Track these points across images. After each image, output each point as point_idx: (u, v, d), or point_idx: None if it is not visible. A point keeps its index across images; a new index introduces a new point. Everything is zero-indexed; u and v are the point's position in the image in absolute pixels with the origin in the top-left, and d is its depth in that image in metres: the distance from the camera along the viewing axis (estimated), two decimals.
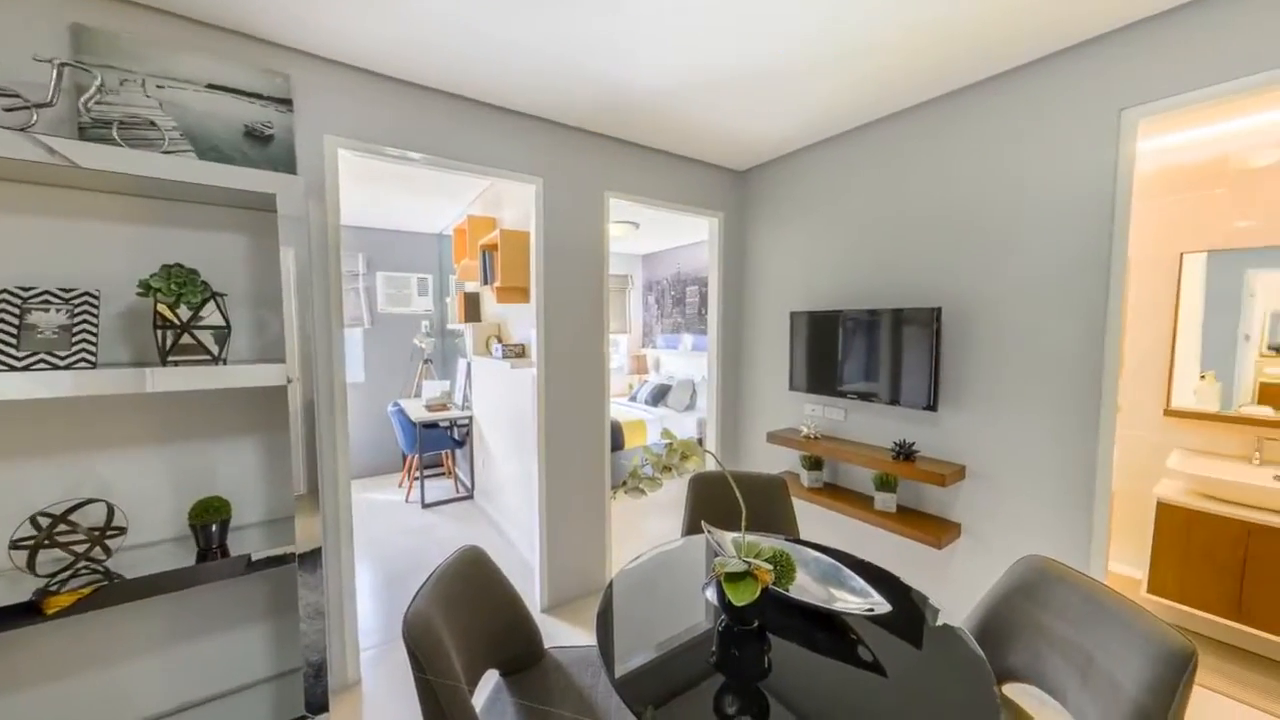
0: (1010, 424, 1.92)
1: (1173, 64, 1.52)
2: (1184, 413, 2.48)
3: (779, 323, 2.89)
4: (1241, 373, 2.33)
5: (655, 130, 2.45)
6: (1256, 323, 2.28)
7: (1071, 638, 1.10)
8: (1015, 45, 1.71)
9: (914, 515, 2.18)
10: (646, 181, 2.70)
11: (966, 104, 2.00)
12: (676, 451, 1.29)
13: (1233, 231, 2.34)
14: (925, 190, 2.16)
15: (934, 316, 2.04)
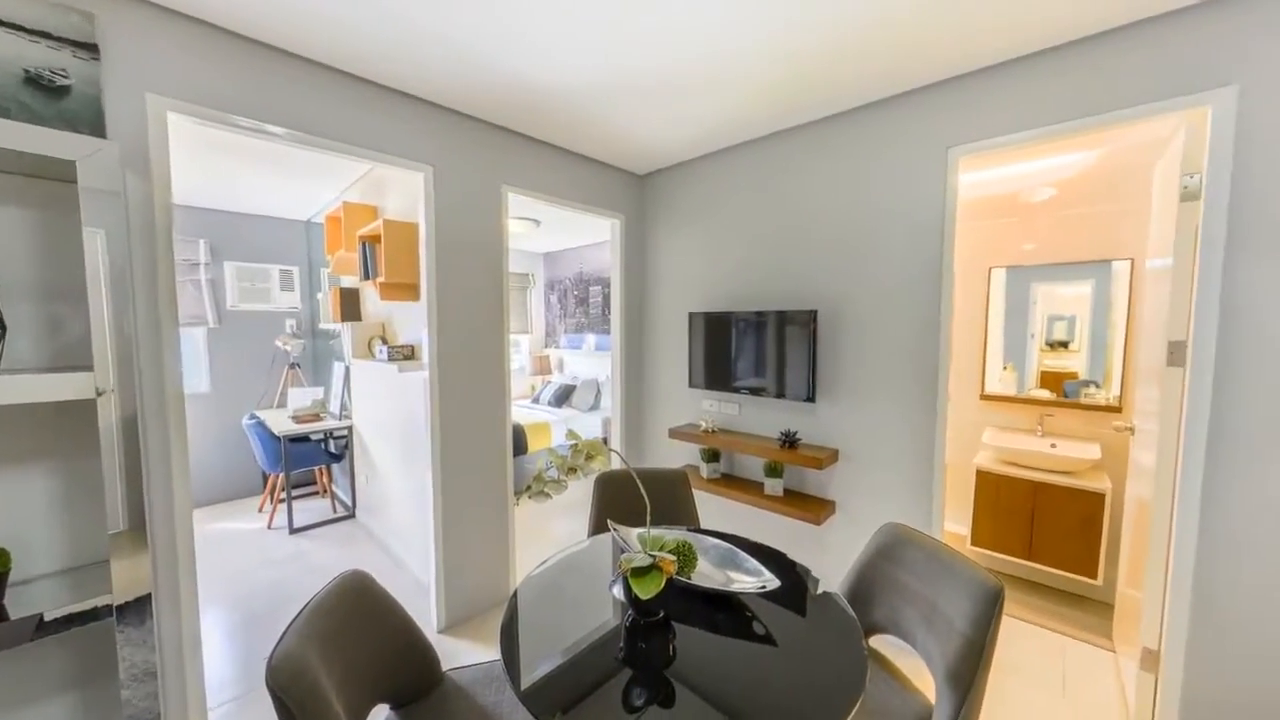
0: (872, 411, 2.22)
1: (986, 114, 1.87)
2: (993, 397, 3.07)
3: (679, 323, 3.02)
4: (1030, 364, 2.95)
5: (559, 128, 2.42)
6: (1039, 324, 2.91)
7: (919, 590, 1.31)
8: (864, 85, 1.98)
9: (798, 497, 2.42)
10: (547, 179, 2.65)
11: (834, 131, 2.27)
12: (582, 452, 1.29)
13: (1021, 252, 2.96)
14: (803, 204, 2.41)
15: (811, 318, 2.29)
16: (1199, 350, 1.52)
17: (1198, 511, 1.53)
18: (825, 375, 2.36)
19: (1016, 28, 1.61)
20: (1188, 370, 1.55)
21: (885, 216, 2.14)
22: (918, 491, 2.10)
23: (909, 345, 2.10)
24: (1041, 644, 2.21)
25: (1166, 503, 1.62)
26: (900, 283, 2.11)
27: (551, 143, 2.63)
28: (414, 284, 2.69)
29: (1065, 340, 2.83)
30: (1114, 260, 2.65)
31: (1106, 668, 2.06)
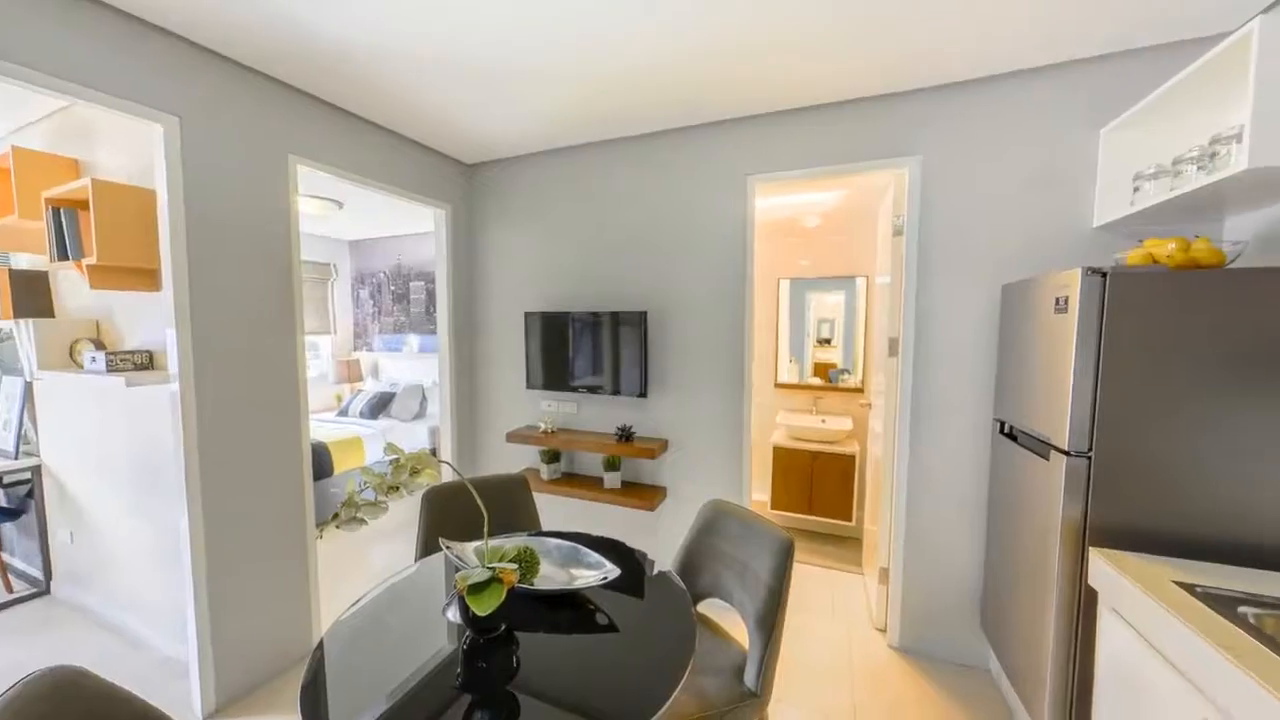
0: (695, 403, 2.48)
1: (777, 150, 2.25)
2: (784, 385, 3.73)
3: (514, 323, 2.91)
4: (807, 357, 3.67)
5: (370, 98, 2.09)
6: (812, 326, 3.64)
7: (734, 554, 1.52)
8: (683, 109, 2.20)
9: (635, 487, 2.57)
10: (354, 155, 2.27)
11: (656, 147, 2.47)
12: (405, 467, 1.14)
13: (800, 267, 3.66)
14: (632, 212, 2.56)
15: (642, 319, 2.45)
16: (905, 344, 2.09)
17: (907, 463, 2.11)
18: (656, 371, 2.55)
19: (801, 83, 1.97)
20: (899, 359, 2.11)
21: (700, 229, 2.42)
22: (731, 469, 2.42)
23: (722, 343, 2.40)
24: (819, 580, 2.78)
25: (890, 458, 2.18)
26: (714, 289, 2.41)
27: (361, 115, 2.27)
28: (150, 269, 2.03)
29: (829, 338, 3.60)
30: (857, 276, 3.47)
31: (858, 588, 2.69)
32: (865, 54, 1.74)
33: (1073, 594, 1.36)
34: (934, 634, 2.12)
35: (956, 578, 2.07)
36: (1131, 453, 1.29)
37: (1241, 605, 0.99)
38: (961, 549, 2.05)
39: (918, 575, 2.13)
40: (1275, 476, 1.19)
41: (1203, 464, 1.24)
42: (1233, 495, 1.22)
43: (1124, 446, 1.29)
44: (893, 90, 2.02)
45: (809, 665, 2.08)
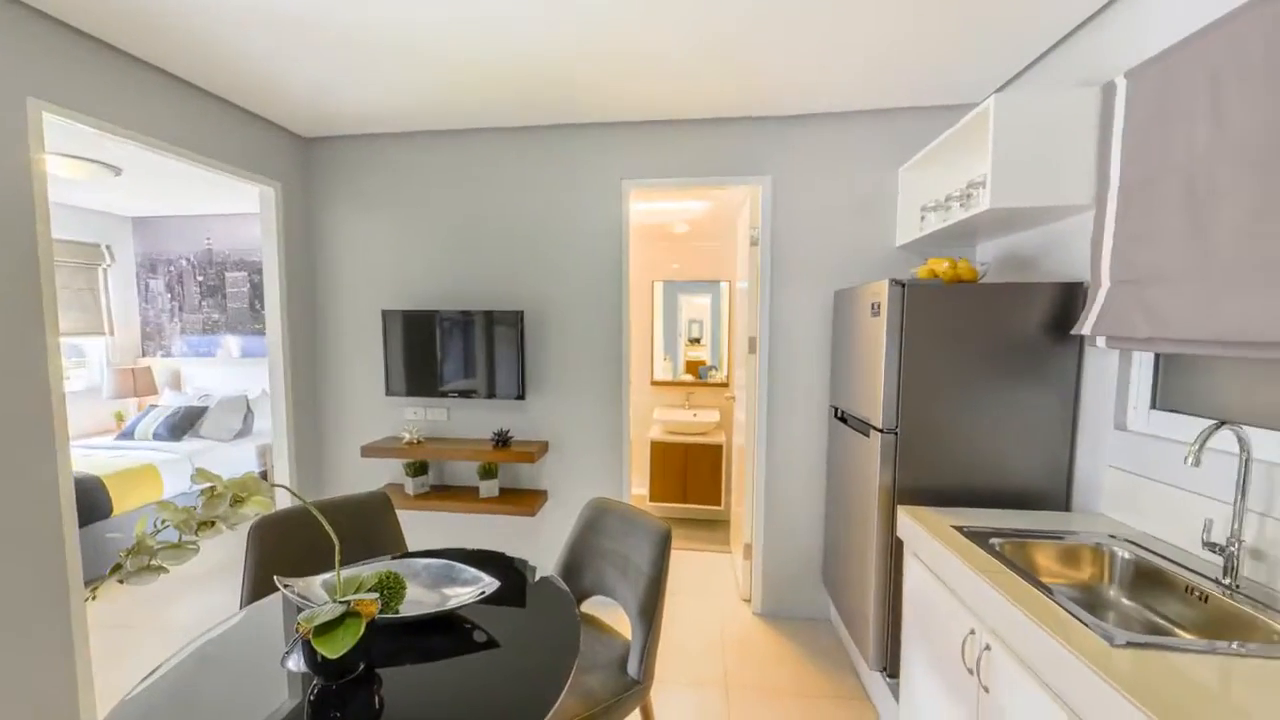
0: (576, 401, 2.47)
1: (649, 157, 2.34)
2: (659, 382, 3.92)
3: (369, 322, 2.59)
4: (679, 356, 3.90)
5: (158, 39, 1.67)
6: (684, 326, 3.88)
7: (616, 549, 1.55)
8: (558, 107, 2.18)
9: (513, 493, 2.47)
10: (138, 110, 1.80)
11: (534, 142, 2.40)
12: (223, 497, 0.94)
13: (672, 270, 3.87)
14: (507, 208, 2.45)
15: (519, 319, 2.36)
16: (762, 343, 2.34)
17: (765, 447, 2.37)
18: (534, 372, 2.48)
19: (670, 95, 2.07)
20: (758, 356, 2.36)
21: (578, 229, 2.41)
22: (612, 467, 2.47)
23: (601, 343, 2.43)
24: (693, 562, 2.98)
25: (752, 445, 2.43)
26: (592, 289, 2.42)
27: (152, 62, 1.80)
28: None
29: (698, 337, 3.87)
30: (721, 281, 3.80)
31: (727, 566, 2.95)
32: (720, 79, 1.91)
33: (887, 544, 1.66)
34: (789, 596, 2.42)
35: (804, 544, 2.38)
36: (923, 428, 1.62)
37: (992, 538, 1.32)
38: (808, 518, 2.37)
39: (775, 546, 2.41)
40: (1013, 441, 1.60)
41: (969, 434, 1.61)
42: (988, 457, 1.61)
43: (918, 423, 1.62)
44: (749, 115, 2.24)
45: (685, 643, 2.22)
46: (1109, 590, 1.26)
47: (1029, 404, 1.58)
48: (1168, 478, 1.28)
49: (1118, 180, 1.36)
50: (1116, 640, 0.86)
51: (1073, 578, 1.31)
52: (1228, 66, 1.08)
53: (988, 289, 1.57)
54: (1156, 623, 1.15)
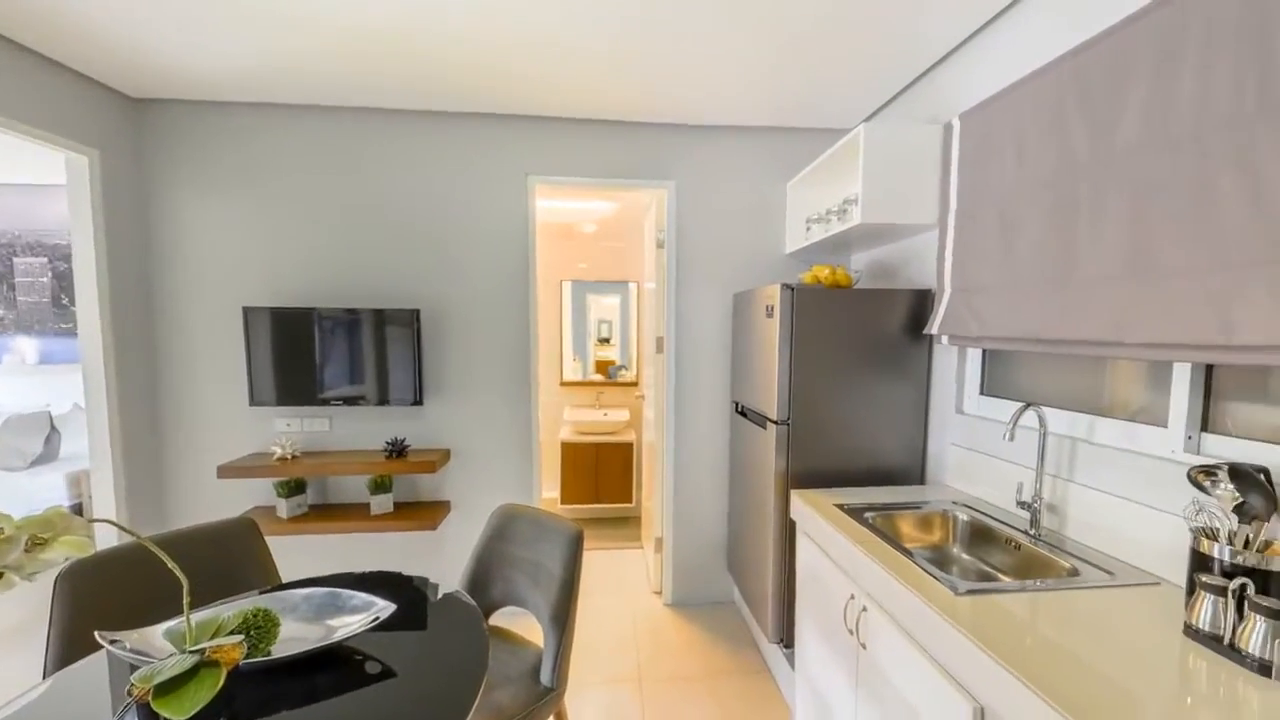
0: (480, 405, 2.35)
1: (555, 154, 2.30)
2: (569, 382, 3.87)
3: (227, 321, 2.22)
4: (589, 355, 3.89)
5: None
6: (593, 326, 3.88)
7: (527, 555, 1.50)
8: (462, 92, 2.06)
9: (411, 507, 2.28)
10: None
11: (434, 127, 2.23)
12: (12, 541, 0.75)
13: (580, 270, 3.85)
14: (403, 197, 2.25)
15: (414, 317, 2.19)
16: (669, 342, 2.42)
17: (673, 443, 2.46)
18: (432, 376, 2.31)
19: (575, 91, 2.05)
20: (665, 355, 2.44)
21: (482, 224, 2.30)
22: (521, 471, 2.39)
23: (508, 343, 2.34)
24: (606, 561, 2.99)
25: (661, 441, 2.51)
26: (499, 286, 2.32)
27: None
28: None
29: (607, 337, 3.90)
30: (629, 281, 3.86)
31: (639, 560, 3.01)
32: (622, 82, 1.94)
33: (783, 526, 1.81)
34: (698, 584, 2.53)
35: (711, 533, 2.51)
36: (811, 418, 1.79)
37: (866, 512, 1.50)
38: (713, 509, 2.50)
39: (684, 537, 2.51)
40: (882, 426, 1.83)
41: (848, 422, 1.81)
42: (863, 441, 1.82)
43: (807, 414, 1.79)
44: (654, 121, 2.31)
45: (599, 642, 2.22)
46: (953, 548, 1.51)
47: (893, 394, 1.83)
48: (993, 451, 1.55)
49: (955, 205, 1.62)
50: (959, 590, 1.03)
51: (927, 540, 1.54)
52: (1028, 118, 1.34)
53: (860, 294, 1.79)
54: (987, 571, 1.39)
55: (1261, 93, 0.87)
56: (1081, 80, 1.20)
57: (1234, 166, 0.91)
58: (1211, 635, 0.85)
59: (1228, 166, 0.92)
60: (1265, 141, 0.87)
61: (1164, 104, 1.03)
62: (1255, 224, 0.88)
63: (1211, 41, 0.95)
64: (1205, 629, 0.86)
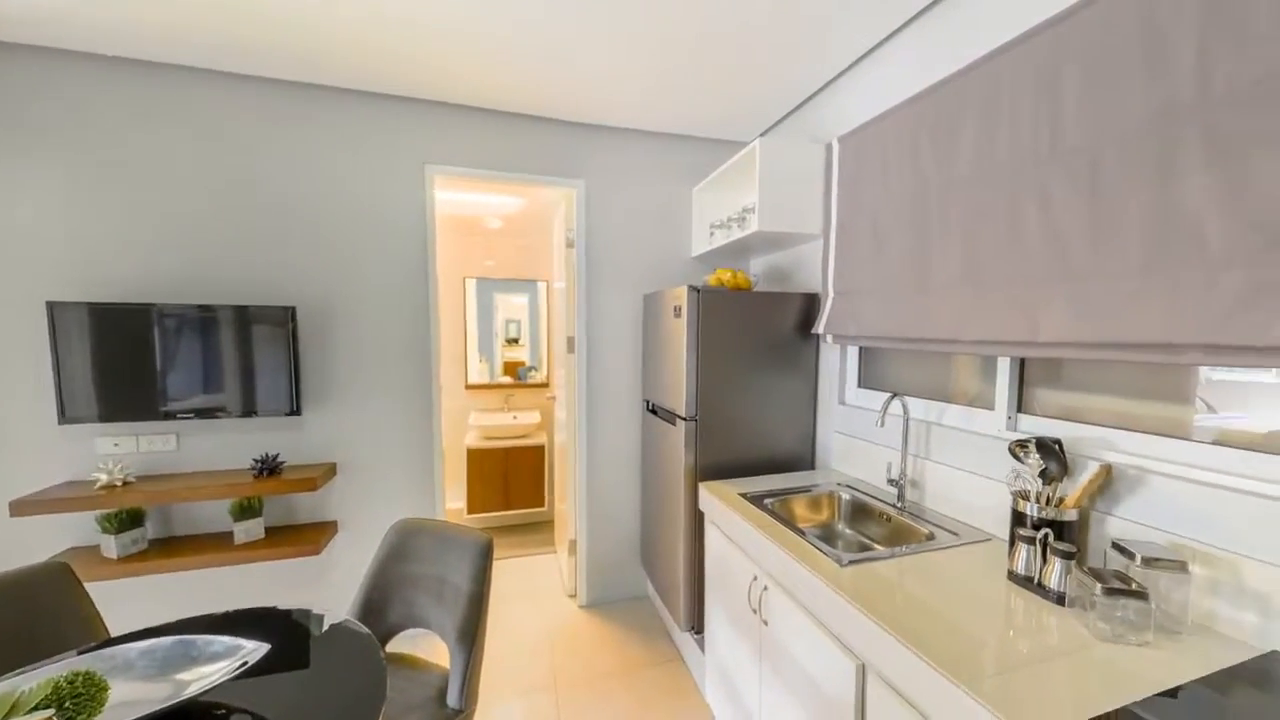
0: (373, 413, 2.14)
1: (455, 144, 2.16)
2: (475, 385, 3.68)
3: (22, 320, 1.77)
4: (497, 357, 3.73)
5: None
6: (500, 326, 3.72)
7: (430, 572, 1.40)
8: (350, 65, 1.86)
9: (286, 531, 2.01)
10: None
11: (319, 103, 1.97)
12: None
13: (486, 267, 3.67)
14: (286, 179, 1.97)
15: (289, 315, 1.93)
16: (580, 342, 2.41)
17: (586, 443, 2.45)
18: (313, 381, 2.06)
19: (476, 77, 1.94)
20: (577, 355, 2.42)
21: (373, 214, 2.09)
22: (422, 482, 2.22)
23: (405, 344, 2.16)
24: (519, 568, 2.89)
25: (573, 442, 2.48)
26: (393, 283, 2.13)
27: None
28: None
29: (516, 338, 3.77)
30: (539, 280, 3.77)
31: (553, 565, 2.95)
32: (527, 75, 1.89)
33: (692, 517, 1.89)
34: (612, 582, 2.55)
35: (624, 529, 2.55)
36: (717, 413, 1.89)
37: (766, 499, 1.62)
38: (627, 505, 2.54)
39: (598, 537, 2.51)
40: (779, 418, 1.98)
41: (750, 416, 1.94)
42: (763, 433, 1.96)
43: (713, 410, 1.88)
44: (562, 118, 2.27)
45: (512, 653, 2.14)
46: (839, 524, 1.69)
47: (787, 388, 1.99)
48: (868, 436, 1.76)
49: (835, 217, 1.81)
50: (843, 561, 1.16)
51: (818, 520, 1.70)
52: (891, 145, 1.54)
53: (759, 296, 1.92)
54: (865, 542, 1.57)
55: (1054, 141, 1.09)
56: (929, 118, 1.40)
57: (1035, 200, 1.13)
58: (1025, 577, 1.05)
59: (1031, 200, 1.14)
60: (1056, 181, 1.09)
61: (987, 144, 1.24)
62: (1051, 248, 1.10)
63: (1018, 97, 1.16)
64: (1021, 573, 1.06)
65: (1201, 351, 0.87)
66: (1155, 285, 0.92)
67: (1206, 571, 0.90)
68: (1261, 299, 0.79)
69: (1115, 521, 1.04)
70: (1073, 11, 1.06)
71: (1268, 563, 0.84)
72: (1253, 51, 0.81)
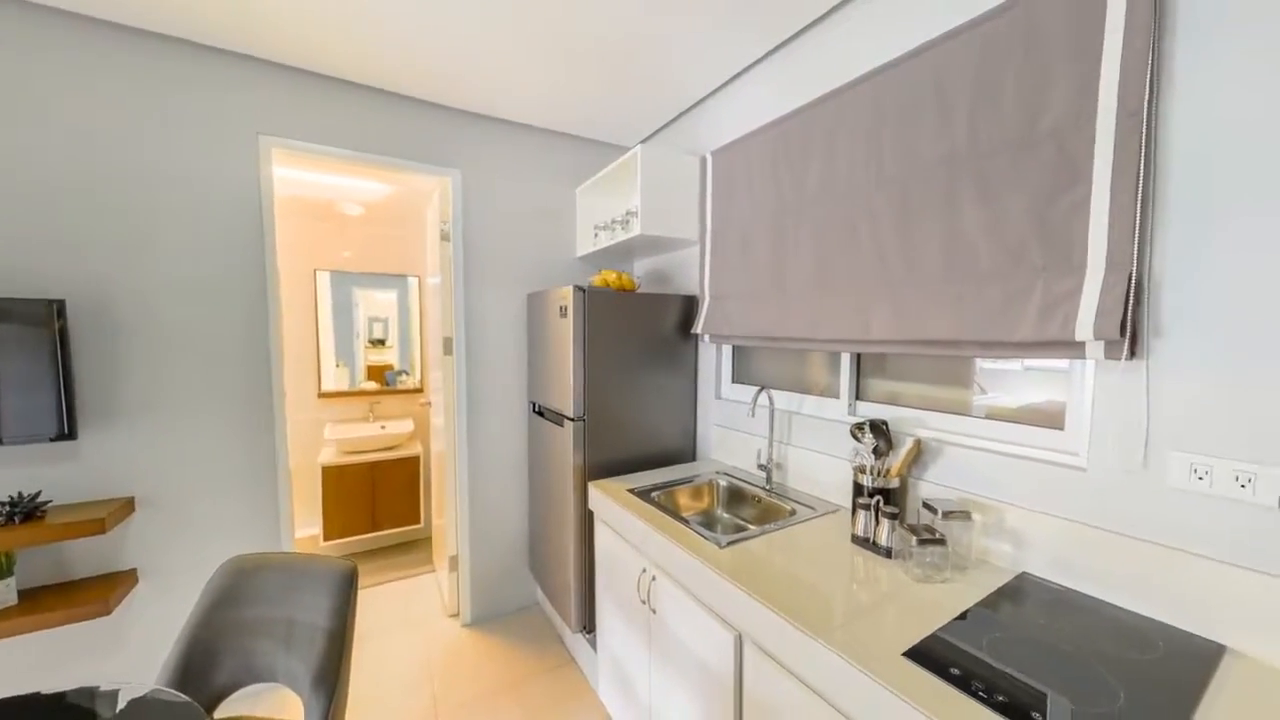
0: (187, 431, 1.75)
1: (299, 115, 1.86)
2: (330, 393, 3.22)
3: None
4: (358, 360, 3.31)
5: None
6: (362, 325, 3.31)
7: (274, 615, 1.19)
8: (137, 6, 1.49)
9: (54, 592, 1.55)
10: None
11: (133, 51, 1.54)
12: None
13: (342, 258, 3.24)
14: (60, 137, 1.49)
15: (55, 312, 1.49)
16: (459, 343, 2.25)
17: (467, 451, 2.29)
18: (95, 396, 1.62)
19: (318, 45, 1.70)
20: (455, 357, 2.26)
21: (189, 190, 1.71)
22: (262, 509, 1.88)
23: (236, 347, 1.81)
24: (391, 594, 2.61)
25: (453, 450, 2.31)
26: (212, 273, 1.77)
27: None
28: None
29: (382, 338, 3.39)
30: (409, 275, 3.43)
31: (432, 585, 2.72)
32: (398, 48, 1.72)
33: (582, 517, 1.89)
34: (499, 594, 2.43)
35: (512, 537, 2.44)
36: (604, 413, 1.91)
37: (653, 492, 1.68)
38: (513, 512, 2.44)
39: (483, 549, 2.37)
40: (663, 414, 2.07)
41: (636, 413, 2.00)
42: (649, 429, 2.03)
43: (601, 409, 1.90)
44: (440, 102, 2.10)
45: (385, 689, 1.92)
46: (718, 510, 1.82)
47: (670, 385, 2.09)
48: (741, 427, 1.93)
49: (710, 225, 1.95)
50: (722, 543, 1.25)
51: (699, 508, 1.81)
52: (755, 164, 1.71)
53: (643, 298, 1.99)
54: (740, 524, 1.72)
55: (879, 171, 1.31)
56: (785, 143, 1.59)
57: (867, 220, 1.34)
58: (864, 539, 1.24)
59: (864, 219, 1.35)
60: (880, 205, 1.31)
61: (830, 169, 1.44)
62: (878, 261, 1.32)
63: (854, 131, 1.37)
64: (861, 535, 1.25)
65: (976, 346, 1.12)
66: (947, 294, 1.16)
67: (983, 518, 1.16)
68: (1010, 306, 1.04)
69: (925, 485, 1.29)
70: (891, 65, 1.28)
71: (1019, 507, 1.10)
72: (1003, 118, 1.06)
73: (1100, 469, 0.99)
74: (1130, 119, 0.89)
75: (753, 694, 1.05)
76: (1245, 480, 0.82)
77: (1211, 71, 0.84)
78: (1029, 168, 1.02)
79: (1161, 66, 0.88)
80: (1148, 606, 0.93)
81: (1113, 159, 0.91)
